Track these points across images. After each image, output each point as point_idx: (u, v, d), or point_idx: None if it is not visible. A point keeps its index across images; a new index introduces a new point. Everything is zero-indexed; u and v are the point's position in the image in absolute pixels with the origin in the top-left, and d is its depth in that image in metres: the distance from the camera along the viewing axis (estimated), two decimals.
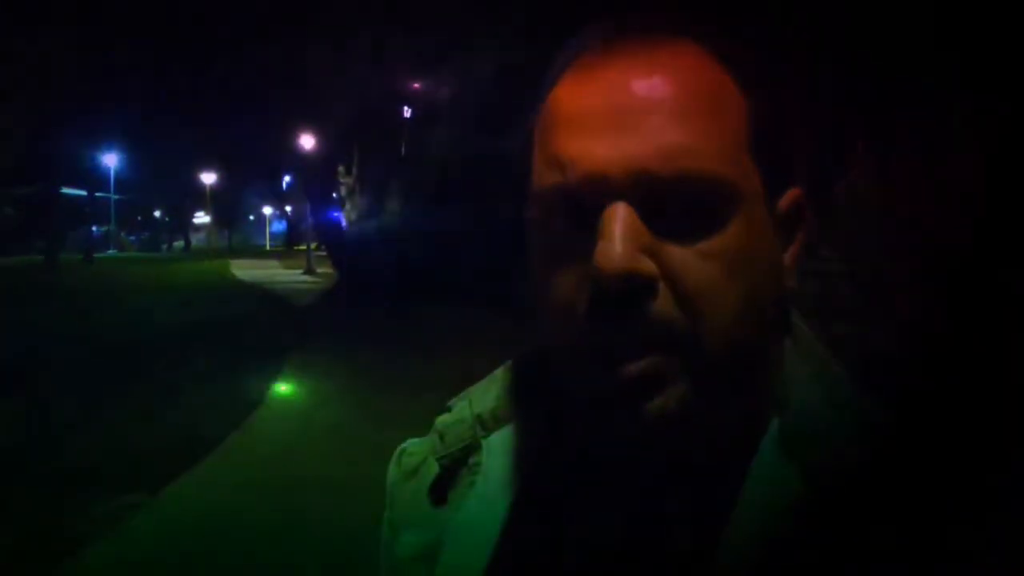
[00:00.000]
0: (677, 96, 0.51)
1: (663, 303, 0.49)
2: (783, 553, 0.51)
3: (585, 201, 0.50)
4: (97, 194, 44.19)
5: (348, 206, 23.03)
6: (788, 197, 0.56)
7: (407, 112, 19.96)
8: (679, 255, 0.50)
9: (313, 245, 29.01)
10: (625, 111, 0.50)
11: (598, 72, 0.52)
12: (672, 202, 0.50)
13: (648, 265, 0.48)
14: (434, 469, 0.65)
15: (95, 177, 42.31)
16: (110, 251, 48.04)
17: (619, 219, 0.48)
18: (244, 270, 28.43)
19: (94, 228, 45.29)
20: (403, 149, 19.89)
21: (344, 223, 22.45)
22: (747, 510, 0.53)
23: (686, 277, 0.49)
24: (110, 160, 42.39)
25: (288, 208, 45.94)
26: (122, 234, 57.45)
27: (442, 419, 0.67)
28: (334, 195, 23.63)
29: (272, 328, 13.02)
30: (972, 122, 3.03)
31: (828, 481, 0.52)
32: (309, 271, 26.31)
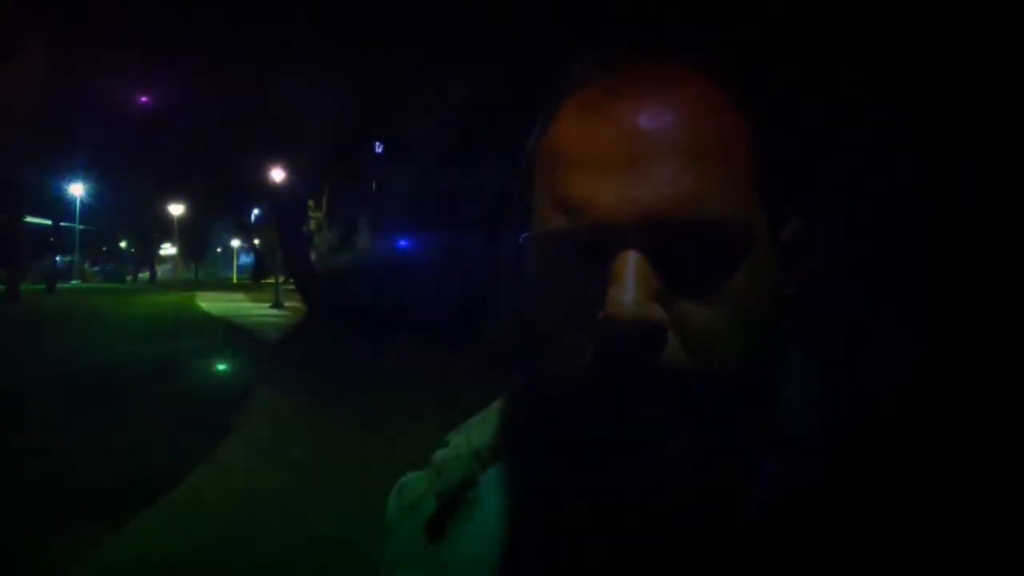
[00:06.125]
0: (689, 138, 0.50)
1: (672, 351, 0.49)
2: None
3: (595, 246, 0.50)
4: (62, 223, 43.57)
5: (318, 240, 22.94)
6: (793, 227, 0.56)
7: (379, 147, 20.00)
8: (688, 302, 0.49)
9: (281, 279, 28.74)
10: (636, 154, 0.49)
11: (605, 109, 0.51)
12: (684, 249, 0.49)
13: (659, 313, 0.48)
14: (432, 504, 0.64)
15: (60, 206, 41.73)
16: (73, 281, 47.32)
17: (631, 267, 0.48)
18: (211, 303, 28.05)
19: (57, 258, 44.54)
20: (374, 184, 19.90)
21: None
22: (747, 544, 0.52)
23: (695, 325, 0.49)
24: (76, 190, 41.85)
25: (256, 241, 45.62)
26: (86, 264, 56.62)
27: (440, 453, 0.66)
28: (304, 229, 23.51)
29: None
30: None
31: (827, 514, 0.51)
32: (277, 305, 26.06)
